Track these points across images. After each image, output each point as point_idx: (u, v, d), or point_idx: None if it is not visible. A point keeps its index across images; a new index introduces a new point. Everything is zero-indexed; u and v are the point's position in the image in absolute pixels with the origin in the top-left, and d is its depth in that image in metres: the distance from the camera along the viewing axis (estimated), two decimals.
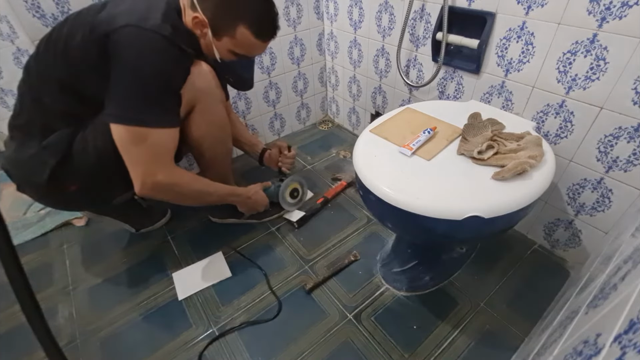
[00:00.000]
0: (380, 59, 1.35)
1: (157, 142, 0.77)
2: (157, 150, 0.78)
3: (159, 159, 0.79)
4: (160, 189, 0.82)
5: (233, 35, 0.81)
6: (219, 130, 0.99)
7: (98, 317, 0.96)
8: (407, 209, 0.68)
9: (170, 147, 0.81)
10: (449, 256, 1.02)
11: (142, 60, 0.72)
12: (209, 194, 0.95)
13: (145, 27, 0.71)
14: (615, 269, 0.50)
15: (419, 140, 0.82)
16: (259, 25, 0.81)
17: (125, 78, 0.73)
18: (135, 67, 0.72)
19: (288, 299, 0.98)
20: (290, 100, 1.63)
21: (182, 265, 1.09)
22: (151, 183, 0.80)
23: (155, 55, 0.73)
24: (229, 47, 0.83)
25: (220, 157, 1.06)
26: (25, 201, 1.32)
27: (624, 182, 0.84)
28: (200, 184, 0.93)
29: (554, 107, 0.90)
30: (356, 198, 1.31)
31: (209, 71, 0.89)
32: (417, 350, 0.85)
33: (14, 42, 1.56)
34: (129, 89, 0.73)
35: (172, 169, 0.83)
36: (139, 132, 0.75)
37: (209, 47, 0.84)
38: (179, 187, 0.85)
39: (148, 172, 0.79)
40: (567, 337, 0.46)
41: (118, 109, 0.74)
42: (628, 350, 0.27)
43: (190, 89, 0.84)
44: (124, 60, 0.72)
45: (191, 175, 0.90)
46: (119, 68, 0.72)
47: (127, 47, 0.71)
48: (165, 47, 0.74)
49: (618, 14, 0.71)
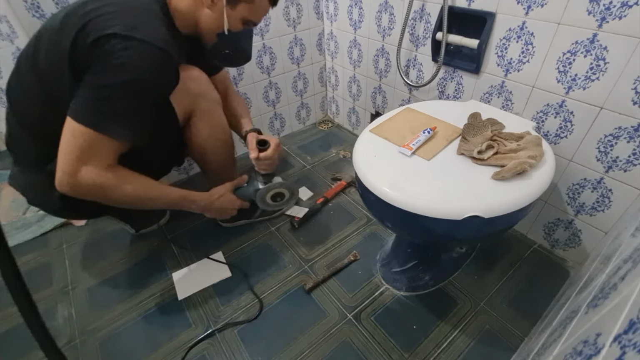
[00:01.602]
0: (380, 59, 1.35)
1: (97, 144, 0.70)
2: (92, 151, 0.71)
3: (89, 158, 0.71)
4: (80, 188, 0.72)
5: (252, 0, 0.80)
6: (221, 132, 0.99)
7: (97, 317, 0.96)
8: (407, 209, 0.68)
9: (109, 155, 0.74)
10: (449, 256, 1.02)
11: (125, 71, 0.67)
12: (149, 199, 0.82)
13: (136, 36, 0.66)
14: (615, 268, 0.50)
15: (419, 140, 0.82)
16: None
17: (99, 82, 0.68)
18: (115, 76, 0.67)
19: (288, 298, 0.98)
20: (290, 100, 1.63)
21: (182, 265, 1.09)
22: (69, 179, 0.71)
23: (139, 70, 0.68)
24: (244, 15, 0.82)
25: (224, 159, 1.05)
26: (25, 201, 1.32)
27: (624, 182, 0.84)
28: (139, 188, 0.80)
29: (554, 107, 0.90)
30: (356, 198, 1.31)
31: (201, 75, 0.89)
32: (416, 350, 0.85)
33: (13, 42, 1.56)
34: (98, 91, 0.68)
35: (100, 169, 0.72)
36: (86, 132, 0.69)
37: (216, 20, 0.81)
38: (103, 190, 0.74)
39: (71, 167, 0.70)
40: (567, 336, 0.46)
41: (81, 106, 0.69)
42: (628, 350, 0.27)
43: (185, 96, 0.84)
44: (104, 66, 0.67)
45: (130, 178, 0.78)
46: (96, 70, 0.68)
47: (111, 54, 0.66)
48: (156, 62, 0.69)
49: (618, 14, 0.71)
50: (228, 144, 1.04)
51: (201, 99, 0.89)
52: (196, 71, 0.89)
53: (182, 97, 0.83)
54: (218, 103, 0.96)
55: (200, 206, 0.94)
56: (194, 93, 0.87)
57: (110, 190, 0.75)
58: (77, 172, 0.70)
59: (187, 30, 0.83)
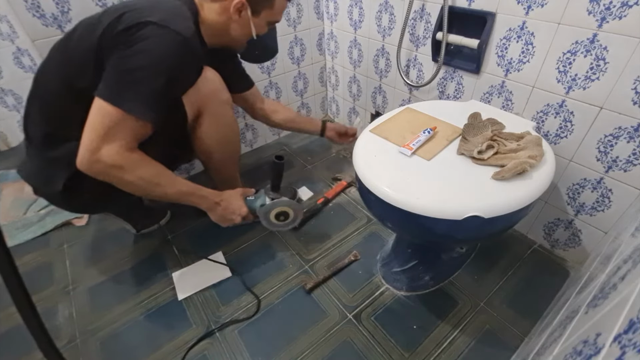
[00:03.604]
0: (380, 59, 1.35)
1: (122, 124, 0.73)
2: (116, 130, 0.72)
3: (113, 138, 0.73)
4: (100, 166, 0.73)
5: (272, 5, 0.88)
6: (229, 131, 1.01)
7: (98, 317, 0.96)
8: (407, 209, 0.68)
9: (132, 137, 0.76)
10: (449, 256, 1.02)
11: (155, 55, 0.71)
12: (161, 186, 0.82)
13: (169, 26, 0.72)
14: (615, 268, 0.50)
15: (419, 140, 0.82)
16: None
17: (128, 64, 0.71)
18: (145, 59, 0.71)
19: (288, 298, 0.98)
20: (290, 100, 1.63)
21: (182, 265, 1.09)
22: (91, 157, 0.72)
23: (168, 56, 0.73)
24: (267, 19, 0.90)
25: (230, 158, 1.07)
26: (25, 201, 1.32)
27: (624, 182, 0.84)
28: (154, 174, 0.81)
29: (554, 107, 0.90)
30: (356, 198, 1.31)
31: (214, 76, 0.92)
32: (417, 350, 0.85)
33: (14, 41, 1.56)
34: (129, 74, 0.71)
35: (122, 150, 0.74)
36: (113, 111, 0.71)
37: (243, 29, 0.88)
38: (121, 171, 0.75)
39: (95, 145, 0.72)
40: (567, 336, 0.46)
41: (108, 86, 0.72)
42: (628, 350, 0.27)
43: (196, 95, 0.86)
44: (135, 48, 0.71)
45: (147, 162, 0.79)
46: (125, 54, 0.71)
47: (143, 38, 0.70)
48: (183, 51, 0.74)
49: (618, 14, 0.71)
50: (235, 143, 1.06)
51: (212, 98, 0.92)
52: (210, 72, 0.91)
53: (193, 94, 0.85)
54: (228, 103, 0.98)
55: (209, 203, 0.92)
56: (205, 93, 0.89)
57: (127, 171, 0.76)
58: (99, 150, 0.72)
59: (213, 41, 0.88)
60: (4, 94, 1.65)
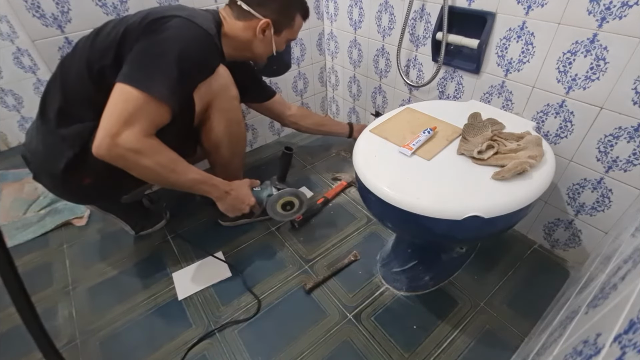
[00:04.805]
0: (380, 59, 1.35)
1: (144, 108, 0.74)
2: (138, 115, 0.74)
3: (133, 122, 0.74)
4: (118, 150, 0.74)
5: (292, 25, 0.97)
6: (237, 125, 1.03)
7: (98, 317, 0.96)
8: (407, 209, 0.68)
9: (152, 123, 0.77)
10: (449, 256, 1.02)
11: (180, 42, 0.76)
12: (176, 173, 0.84)
13: (195, 21, 0.78)
14: (615, 268, 0.50)
15: (419, 140, 0.82)
16: (305, 8, 1.00)
17: (154, 49, 0.75)
18: (171, 45, 0.75)
19: (288, 298, 0.98)
20: (290, 100, 1.63)
21: (182, 265, 1.09)
22: (110, 140, 0.73)
23: (193, 45, 0.78)
24: (288, 37, 0.99)
25: (236, 152, 1.08)
26: (25, 201, 1.33)
27: (624, 182, 0.84)
28: (169, 161, 0.82)
29: (554, 107, 0.90)
30: (356, 198, 1.31)
31: (224, 71, 0.94)
32: (417, 350, 0.85)
33: (14, 41, 1.56)
34: (154, 59, 0.75)
35: (141, 135, 0.75)
36: (137, 95, 0.73)
37: (266, 47, 0.96)
38: (138, 156, 0.76)
39: (115, 129, 0.73)
40: (567, 336, 0.46)
41: (132, 70, 0.75)
42: (628, 350, 0.27)
43: (207, 88, 0.89)
44: (161, 36, 0.75)
45: (164, 149, 0.81)
46: (152, 39, 0.75)
47: (170, 28, 0.75)
48: (206, 43, 0.81)
49: (618, 14, 0.71)
50: (242, 138, 1.09)
51: (222, 93, 0.94)
52: (221, 67, 0.93)
53: (203, 88, 0.88)
54: (237, 98, 0.99)
55: (219, 192, 0.95)
56: (215, 87, 0.91)
57: (146, 156, 0.78)
58: (119, 135, 0.73)
59: (233, 53, 0.94)
60: (4, 94, 1.65)
